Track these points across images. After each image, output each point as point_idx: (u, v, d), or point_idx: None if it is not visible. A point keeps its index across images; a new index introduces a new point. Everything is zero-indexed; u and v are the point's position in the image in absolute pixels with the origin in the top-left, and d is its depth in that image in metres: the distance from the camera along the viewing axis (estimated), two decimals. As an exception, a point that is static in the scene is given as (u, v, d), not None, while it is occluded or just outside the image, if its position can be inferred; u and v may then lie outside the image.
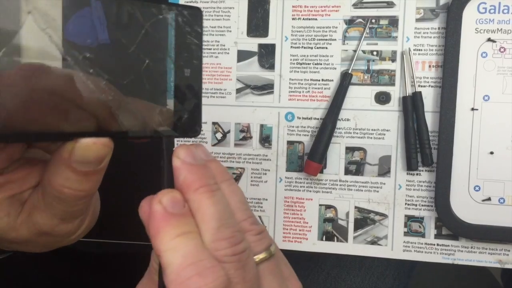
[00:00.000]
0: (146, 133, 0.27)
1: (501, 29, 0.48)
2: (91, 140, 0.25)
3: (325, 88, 0.51)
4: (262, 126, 0.52)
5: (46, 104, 0.23)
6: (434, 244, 0.50)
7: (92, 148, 0.25)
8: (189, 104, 0.28)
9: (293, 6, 0.51)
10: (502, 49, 0.48)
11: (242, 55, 0.52)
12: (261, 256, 0.26)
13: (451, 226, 0.49)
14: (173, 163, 0.26)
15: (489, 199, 0.49)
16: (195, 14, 0.28)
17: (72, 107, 0.24)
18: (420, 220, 0.50)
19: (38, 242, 0.31)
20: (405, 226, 0.50)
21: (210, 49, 0.53)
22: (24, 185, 0.29)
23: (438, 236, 0.50)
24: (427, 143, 0.49)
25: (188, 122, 0.28)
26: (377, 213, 0.51)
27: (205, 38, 0.53)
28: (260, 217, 0.53)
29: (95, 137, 0.25)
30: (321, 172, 0.51)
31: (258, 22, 0.52)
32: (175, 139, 0.50)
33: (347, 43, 0.51)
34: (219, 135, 0.53)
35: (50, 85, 0.23)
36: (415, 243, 0.50)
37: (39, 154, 0.31)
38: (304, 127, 0.52)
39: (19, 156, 0.29)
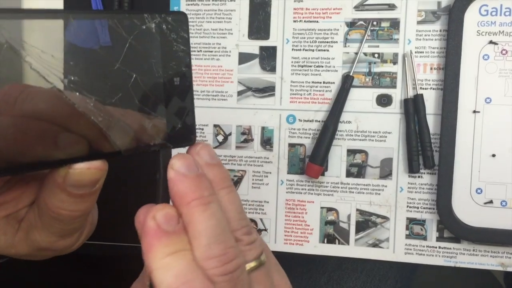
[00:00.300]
0: (140, 149, 0.26)
1: (503, 31, 0.48)
2: (85, 165, 0.24)
3: (326, 91, 0.51)
4: (263, 128, 0.52)
5: (33, 131, 0.23)
6: (436, 247, 0.50)
7: (86, 173, 0.25)
8: (182, 112, 0.27)
9: (294, 9, 0.51)
10: (504, 52, 0.48)
11: (244, 58, 0.52)
12: (251, 264, 0.26)
13: (453, 229, 0.48)
14: (167, 173, 0.25)
15: (491, 201, 0.49)
16: (180, 19, 0.27)
17: (61, 131, 0.24)
18: (422, 222, 0.50)
19: (37, 255, 0.31)
20: (407, 228, 0.50)
21: (211, 51, 0.53)
22: (19, 204, 0.29)
23: (440, 238, 0.50)
24: (429, 146, 0.48)
25: (182, 131, 0.27)
26: (378, 216, 0.51)
27: (206, 40, 0.53)
28: (261, 219, 0.53)
29: (88, 162, 0.25)
30: (323, 174, 0.51)
31: (259, 24, 0.52)
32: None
33: (348, 46, 0.51)
34: (220, 138, 0.53)
35: (36, 108, 0.23)
36: (417, 245, 0.50)
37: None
38: (306, 129, 0.52)
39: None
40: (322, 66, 0.51)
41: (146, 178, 0.54)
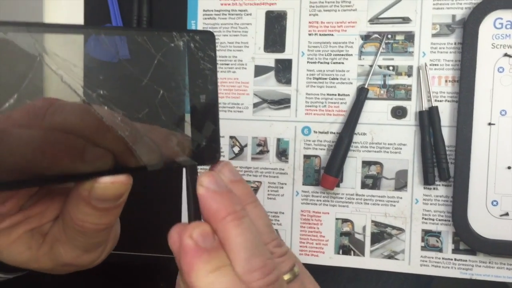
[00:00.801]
0: (164, 165, 0.26)
1: (518, 44, 0.48)
2: (110, 179, 0.25)
3: (341, 103, 0.52)
4: (279, 140, 0.53)
5: (61, 144, 0.23)
6: (451, 259, 0.50)
7: (111, 187, 0.25)
8: (207, 130, 0.27)
9: (309, 22, 0.52)
10: (519, 64, 0.48)
11: (259, 70, 0.53)
12: (286, 276, 0.26)
13: (469, 241, 0.48)
14: (197, 191, 0.25)
15: (507, 214, 0.49)
16: (208, 38, 0.27)
17: (88, 145, 0.24)
18: (437, 234, 0.50)
19: (60, 270, 0.31)
20: (422, 240, 0.50)
21: (227, 64, 0.54)
22: (44, 219, 0.29)
23: (455, 250, 0.50)
24: (444, 158, 0.49)
25: (207, 149, 0.27)
26: (394, 227, 0.51)
27: (223, 53, 0.54)
28: (277, 230, 0.53)
29: (113, 176, 0.25)
30: (338, 186, 0.52)
31: (275, 37, 0.53)
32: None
33: (363, 58, 0.51)
34: (236, 149, 0.54)
35: (65, 122, 0.23)
36: (432, 257, 0.50)
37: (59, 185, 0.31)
38: (321, 141, 0.52)
39: (36, 190, 0.29)
40: (337, 79, 0.52)
41: (166, 187, 0.55)
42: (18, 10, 0.54)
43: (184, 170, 0.27)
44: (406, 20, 0.50)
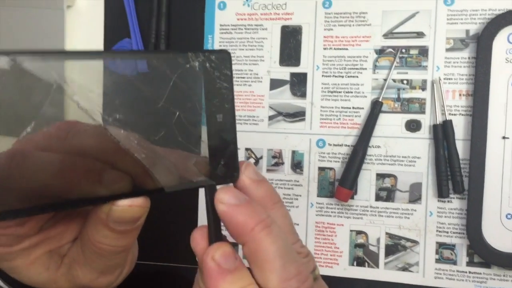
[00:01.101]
0: (183, 186, 0.26)
1: (532, 58, 0.48)
2: (127, 202, 0.25)
3: (356, 116, 0.52)
4: (293, 152, 0.54)
5: (79, 167, 0.24)
6: (466, 272, 0.50)
7: (128, 210, 0.25)
8: (225, 149, 0.27)
9: (324, 37, 0.53)
10: (533, 78, 0.48)
11: (275, 84, 0.54)
12: (314, 275, 0.26)
13: (483, 254, 0.49)
14: (218, 210, 0.25)
15: (521, 227, 0.49)
16: (223, 57, 0.27)
17: (105, 168, 0.24)
18: (451, 247, 0.50)
19: None
20: (437, 253, 0.51)
21: (243, 77, 0.55)
22: (63, 240, 0.30)
23: (470, 263, 0.50)
24: (458, 171, 0.49)
25: (225, 168, 0.27)
26: (408, 240, 0.51)
27: (239, 67, 0.55)
28: (291, 241, 0.54)
29: (130, 199, 0.25)
30: (352, 198, 0.52)
31: (290, 52, 0.54)
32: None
33: (377, 72, 0.52)
34: (252, 161, 0.55)
35: (83, 145, 0.24)
36: (446, 270, 0.50)
37: None
38: (335, 153, 0.53)
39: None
40: (352, 92, 0.52)
41: (183, 197, 0.56)
42: (40, 25, 0.56)
43: (203, 190, 0.27)
44: (420, 34, 0.51)
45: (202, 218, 0.55)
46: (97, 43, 0.56)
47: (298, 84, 0.54)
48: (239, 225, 0.25)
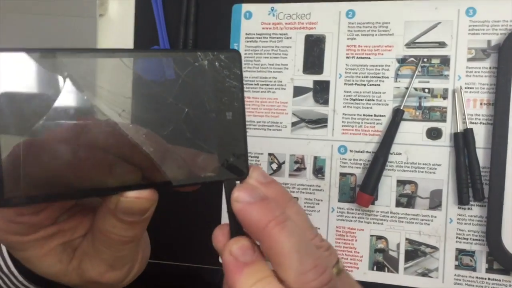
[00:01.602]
0: (191, 181, 0.27)
1: (553, 69, 0.49)
2: (135, 194, 0.26)
3: (377, 123, 0.53)
4: (315, 158, 0.55)
5: (92, 160, 0.24)
6: (485, 278, 0.51)
7: (136, 202, 0.26)
8: (234, 146, 0.28)
9: (347, 46, 0.54)
10: (554, 89, 0.49)
11: (298, 91, 0.56)
12: (334, 270, 0.27)
13: (503, 261, 0.49)
14: (233, 208, 0.26)
15: (541, 235, 0.49)
16: (233, 57, 0.28)
17: (115, 160, 0.25)
18: (471, 254, 0.51)
19: (88, 286, 0.32)
20: (456, 259, 0.51)
21: (268, 84, 0.56)
22: (76, 233, 0.30)
23: (489, 270, 0.51)
24: (479, 179, 0.50)
25: (235, 165, 0.28)
26: (428, 246, 0.52)
27: (263, 74, 0.56)
28: (312, 245, 0.55)
29: (138, 191, 0.26)
30: (373, 203, 0.53)
31: (313, 60, 0.55)
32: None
33: (399, 81, 0.53)
34: (274, 166, 0.56)
35: (95, 139, 0.24)
36: (466, 276, 0.51)
37: (92, 201, 0.32)
38: (357, 160, 0.54)
39: (71, 205, 0.30)
40: (373, 100, 0.54)
41: (206, 196, 0.57)
42: (73, 33, 0.58)
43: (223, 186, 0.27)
44: (442, 44, 0.52)
45: (226, 217, 0.56)
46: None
47: (321, 91, 0.55)
48: (252, 223, 0.25)
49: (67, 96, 0.24)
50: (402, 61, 0.53)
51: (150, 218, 0.29)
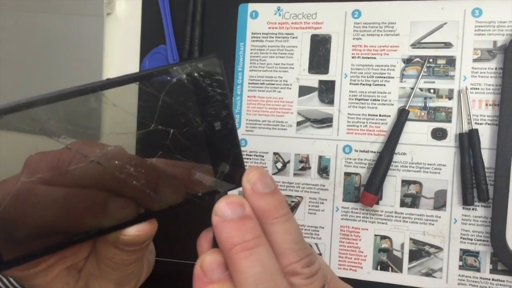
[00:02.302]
0: (190, 200, 0.26)
1: (559, 70, 0.49)
2: (134, 232, 0.25)
3: (382, 123, 0.54)
4: (320, 157, 0.55)
5: (84, 200, 0.24)
6: (489, 279, 0.51)
7: (136, 237, 0.26)
8: (228, 156, 0.26)
9: (353, 46, 0.54)
10: (560, 90, 0.49)
11: (303, 90, 0.56)
12: None
13: (507, 262, 0.49)
14: (212, 219, 0.25)
15: (546, 236, 0.49)
16: (212, 63, 0.26)
17: (108, 198, 0.24)
18: (475, 254, 0.51)
19: None
20: (460, 259, 0.51)
21: (273, 84, 0.56)
22: (79, 256, 0.30)
23: (493, 271, 0.51)
24: (483, 179, 0.50)
25: (231, 174, 0.27)
26: (432, 246, 0.52)
27: (269, 74, 0.56)
28: (316, 244, 0.55)
29: (137, 227, 0.25)
30: (377, 203, 0.53)
31: (319, 60, 0.55)
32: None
33: (404, 81, 0.53)
34: (279, 165, 0.56)
35: (83, 177, 0.24)
36: (470, 277, 0.51)
37: None
38: (361, 159, 0.54)
39: None
40: (379, 100, 0.54)
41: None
42: (80, 32, 0.59)
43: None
44: (447, 45, 0.52)
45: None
46: (134, 49, 0.59)
47: (326, 91, 0.55)
48: (221, 241, 0.24)
49: (44, 148, 0.23)
50: (408, 61, 0.53)
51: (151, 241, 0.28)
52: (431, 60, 0.52)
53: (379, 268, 0.54)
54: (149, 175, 0.25)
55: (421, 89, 0.53)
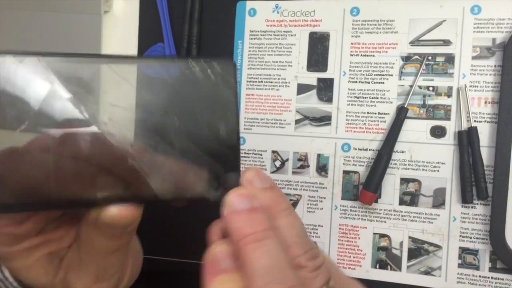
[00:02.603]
0: (178, 196, 0.25)
1: (559, 67, 0.49)
2: (116, 210, 0.25)
3: (381, 121, 0.53)
4: (319, 155, 0.55)
5: (73, 170, 0.24)
6: (488, 277, 0.51)
7: (118, 217, 0.25)
8: (226, 157, 0.26)
9: (351, 43, 0.54)
10: (559, 87, 0.49)
11: (302, 88, 0.56)
12: None
13: (506, 260, 0.49)
14: (223, 210, 0.25)
15: (545, 234, 0.49)
16: (227, 65, 0.26)
17: (98, 172, 0.24)
18: (474, 252, 0.51)
19: None
20: (459, 258, 0.51)
21: (271, 82, 0.56)
22: (63, 243, 0.30)
23: (492, 269, 0.51)
24: (482, 177, 0.50)
25: (227, 177, 0.26)
26: (431, 244, 0.52)
27: (267, 72, 0.56)
28: (315, 242, 0.55)
29: (120, 206, 0.25)
30: (376, 201, 0.53)
31: (317, 57, 0.55)
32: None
33: (403, 79, 0.53)
34: (278, 163, 0.56)
35: (77, 150, 0.24)
36: (469, 275, 0.51)
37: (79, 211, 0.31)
38: (360, 157, 0.54)
39: (57, 215, 0.29)
40: (377, 98, 0.53)
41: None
42: (77, 30, 0.58)
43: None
44: (446, 42, 0.52)
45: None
46: (132, 47, 0.59)
47: (325, 89, 0.55)
48: (231, 232, 0.24)
49: (51, 102, 0.23)
50: (407, 59, 0.53)
51: (135, 231, 0.27)
52: (430, 57, 0.52)
53: (378, 266, 0.53)
54: (145, 158, 0.24)
55: (420, 87, 0.52)
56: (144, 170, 0.24)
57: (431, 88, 0.52)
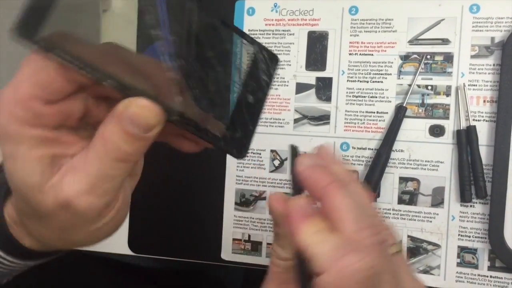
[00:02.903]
0: (192, 124, 0.27)
1: (557, 66, 0.49)
2: (145, 102, 0.26)
3: (380, 120, 0.53)
4: (318, 154, 0.55)
5: (127, 61, 0.27)
6: (487, 276, 0.51)
7: (144, 110, 0.26)
8: (244, 126, 0.29)
9: (350, 42, 0.54)
10: (558, 86, 0.49)
11: (301, 88, 0.55)
12: (393, 248, 0.28)
13: (505, 259, 0.49)
14: (298, 168, 0.28)
15: (544, 233, 0.49)
16: (272, 58, 0.31)
17: (144, 65, 0.27)
18: (473, 251, 0.51)
19: (57, 218, 0.28)
20: (458, 256, 0.51)
21: (270, 81, 0.56)
22: (69, 150, 0.28)
23: (491, 268, 0.51)
24: (481, 176, 0.50)
25: (238, 141, 0.29)
26: (430, 243, 0.52)
27: (266, 71, 0.56)
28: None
29: (148, 101, 0.26)
30: (375, 200, 0.53)
31: (316, 56, 0.55)
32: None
33: (402, 78, 0.53)
34: (276, 162, 0.56)
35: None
36: (468, 274, 0.51)
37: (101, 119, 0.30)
38: (359, 156, 0.54)
39: (79, 116, 0.29)
40: (376, 97, 0.53)
41: (205, 194, 0.57)
42: (76, 29, 0.58)
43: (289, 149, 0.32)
44: (445, 41, 0.52)
45: (227, 216, 0.56)
46: (131, 46, 0.59)
47: (324, 88, 0.55)
48: (313, 183, 0.27)
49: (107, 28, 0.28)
50: (405, 58, 0.53)
51: (150, 144, 0.27)
52: (428, 56, 0.52)
53: (376, 265, 0.53)
54: (182, 81, 0.27)
55: (418, 86, 0.52)
56: (180, 87, 0.27)
57: (429, 87, 0.52)
